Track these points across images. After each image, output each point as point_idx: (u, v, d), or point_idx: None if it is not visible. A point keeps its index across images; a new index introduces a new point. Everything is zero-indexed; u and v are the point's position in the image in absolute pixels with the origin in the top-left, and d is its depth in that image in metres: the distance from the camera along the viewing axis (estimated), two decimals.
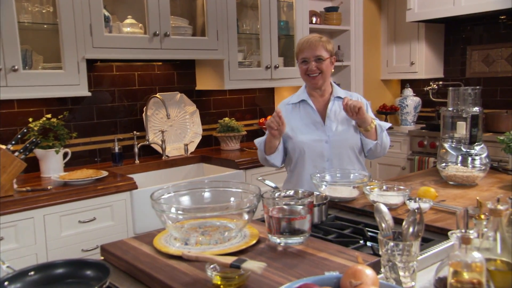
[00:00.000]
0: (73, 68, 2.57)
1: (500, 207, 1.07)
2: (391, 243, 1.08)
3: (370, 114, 2.26)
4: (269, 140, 2.14)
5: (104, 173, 2.56)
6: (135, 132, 3.07)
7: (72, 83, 2.57)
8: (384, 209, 1.18)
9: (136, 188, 2.51)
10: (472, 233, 0.99)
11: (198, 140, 3.40)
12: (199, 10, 3.23)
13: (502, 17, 3.95)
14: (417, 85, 4.70)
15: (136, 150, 3.06)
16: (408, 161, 4.17)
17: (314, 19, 4.07)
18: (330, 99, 2.24)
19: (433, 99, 4.35)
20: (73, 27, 2.55)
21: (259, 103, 3.90)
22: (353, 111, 2.07)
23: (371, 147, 2.19)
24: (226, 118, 3.50)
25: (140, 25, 2.91)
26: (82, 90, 2.61)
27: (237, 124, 3.47)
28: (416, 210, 1.14)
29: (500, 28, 4.12)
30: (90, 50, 2.61)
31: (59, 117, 2.77)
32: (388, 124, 2.28)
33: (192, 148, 3.35)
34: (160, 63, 3.31)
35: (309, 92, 2.26)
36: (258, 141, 2.23)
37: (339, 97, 2.24)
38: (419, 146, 4.10)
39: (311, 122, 2.21)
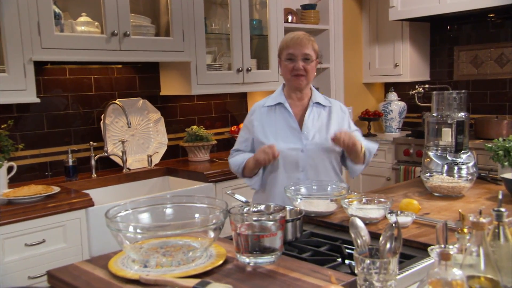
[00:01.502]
0: (19, 71, 2.54)
1: (483, 220, 1.11)
2: (367, 261, 1.10)
3: (349, 124, 2.32)
4: (254, 167, 2.17)
5: (56, 189, 2.52)
6: (91, 142, 3.05)
7: (17, 88, 2.54)
8: (359, 223, 1.20)
9: (93, 205, 2.49)
10: (452, 248, 1.02)
11: (163, 150, 3.39)
12: (163, 8, 3.23)
13: (491, 15, 4.07)
14: (402, 89, 4.79)
15: (93, 162, 3.03)
16: (393, 171, 4.24)
17: (289, 18, 4.12)
18: (309, 105, 2.27)
19: (419, 103, 4.44)
20: (18, 26, 2.52)
21: (230, 110, 3.92)
22: (346, 146, 2.11)
23: (352, 167, 2.26)
24: (194, 126, 3.50)
25: (96, 23, 2.90)
26: (29, 96, 2.58)
27: (206, 133, 3.48)
28: (393, 224, 1.17)
29: (488, 27, 4.24)
30: (38, 51, 2.58)
31: (2, 126, 2.73)
32: (376, 146, 2.34)
33: (156, 159, 3.33)
34: (120, 66, 3.30)
35: (287, 95, 2.29)
36: (236, 164, 2.24)
37: (318, 103, 2.28)
38: (405, 155, 4.17)
39: (287, 127, 2.23)
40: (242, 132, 2.34)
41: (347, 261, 1.47)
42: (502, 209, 1.14)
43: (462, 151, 2.48)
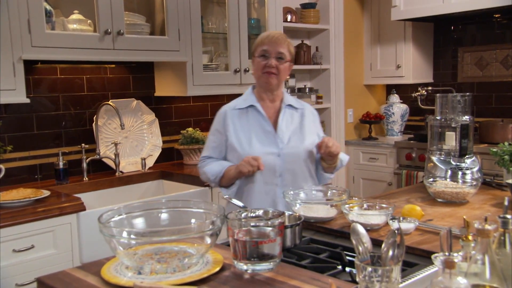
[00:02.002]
0: (8, 71, 2.53)
1: (488, 227, 1.11)
2: (369, 268, 1.11)
3: (319, 129, 2.36)
4: (235, 178, 2.16)
5: (46, 193, 2.52)
6: (83, 144, 3.05)
7: (6, 88, 2.54)
8: (361, 230, 1.21)
9: (84, 209, 2.48)
10: (457, 256, 1.03)
11: (157, 153, 3.39)
12: (158, 6, 3.24)
13: (497, 16, 4.09)
14: (404, 91, 4.81)
15: (84, 165, 3.03)
16: (395, 175, 4.25)
17: (289, 17, 4.13)
18: (281, 107, 2.28)
19: (422, 106, 4.46)
20: (8, 23, 2.52)
21: None
22: (330, 155, 2.14)
23: (323, 175, 2.31)
24: (190, 129, 3.51)
25: (89, 21, 2.91)
26: (19, 95, 2.58)
27: (203, 135, 3.48)
28: (396, 231, 1.17)
29: (494, 28, 4.26)
30: (28, 50, 2.58)
31: None
32: (347, 158, 2.37)
33: (150, 162, 3.33)
34: (113, 66, 3.30)
35: (259, 96, 2.28)
36: (213, 173, 2.21)
37: (290, 106, 2.30)
38: (407, 159, 4.19)
39: (261, 131, 2.22)
40: (213, 137, 2.30)
41: (348, 269, 1.47)
42: (508, 216, 1.15)
43: (467, 156, 2.49)
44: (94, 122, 3.13)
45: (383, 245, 1.18)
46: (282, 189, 2.13)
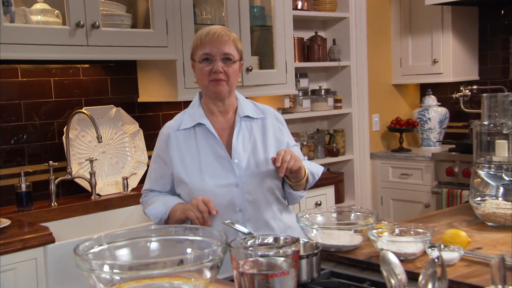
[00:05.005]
0: None
1: None
2: None
3: (288, 137, 2.34)
4: (181, 220, 2.14)
5: (5, 222, 2.53)
6: (51, 162, 3.06)
7: None
8: (393, 259, 1.22)
9: (53, 241, 2.49)
10: None
11: (142, 171, 3.41)
12: None
13: None
14: (443, 91, 4.82)
15: (52, 187, 3.04)
16: (433, 195, 4.26)
17: (299, 4, 4.17)
18: (236, 120, 2.25)
19: (465, 109, 4.47)
20: None
21: None
22: (289, 171, 2.12)
23: (292, 194, 2.28)
24: None
25: (57, 12, 2.93)
26: None
27: None
28: (436, 260, 1.19)
29: None
30: None
31: None
32: (321, 169, 2.37)
33: (134, 183, 3.35)
34: (87, 66, 3.33)
35: (207, 109, 2.26)
36: (156, 215, 2.19)
37: (248, 117, 2.27)
38: (448, 175, 4.19)
39: (213, 156, 2.20)
40: (155, 166, 2.29)
41: None
42: None
43: None
44: (64, 135, 3.14)
45: (420, 278, 1.20)
46: (243, 226, 2.10)
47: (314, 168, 2.32)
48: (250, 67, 3.55)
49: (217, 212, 2.07)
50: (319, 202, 3.66)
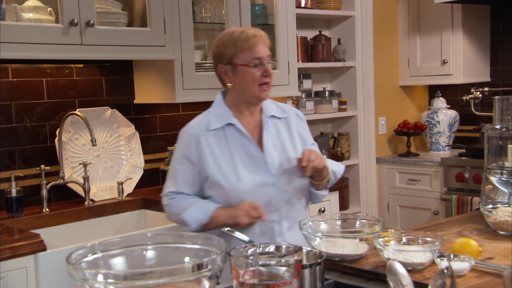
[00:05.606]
0: None
1: None
2: None
3: (309, 135, 2.42)
4: (224, 225, 2.16)
5: None
6: (42, 166, 3.06)
7: None
8: (400, 269, 1.22)
9: (44, 249, 2.49)
10: None
11: (138, 176, 3.41)
12: None
13: None
14: (453, 93, 4.82)
15: (44, 192, 3.04)
16: (442, 202, 4.26)
17: (303, 1, 4.17)
18: (263, 120, 2.31)
19: (476, 112, 4.47)
20: None
21: None
22: (316, 171, 2.20)
23: (315, 193, 2.38)
24: None
25: (49, 9, 2.93)
26: None
27: None
28: (445, 271, 1.19)
29: None
30: None
31: None
32: (343, 167, 2.45)
33: (129, 188, 3.35)
34: (81, 66, 3.33)
35: (235, 109, 2.30)
36: (194, 220, 2.21)
37: (273, 116, 2.34)
38: (458, 181, 4.19)
39: (246, 157, 2.24)
40: (181, 167, 2.30)
41: None
42: None
43: None
44: (57, 138, 3.15)
45: None
46: (280, 225, 2.18)
47: (335, 167, 2.40)
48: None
49: (266, 219, 2.15)
50: (322, 209, 3.66)
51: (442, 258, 1.81)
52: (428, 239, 1.88)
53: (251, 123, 2.30)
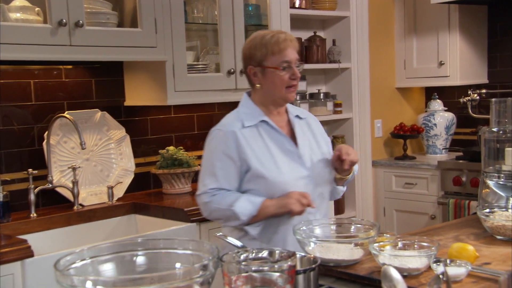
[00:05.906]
0: None
1: None
2: None
3: (327, 137, 2.57)
4: (272, 215, 2.26)
5: None
6: (30, 170, 3.06)
7: None
8: (395, 275, 1.23)
9: (32, 255, 2.49)
10: None
11: (129, 180, 3.41)
12: None
13: None
14: (450, 95, 4.83)
15: (32, 197, 3.04)
16: (439, 206, 4.26)
17: (297, 2, 4.18)
18: (290, 119, 2.46)
19: (474, 115, 4.48)
20: None
21: None
22: (352, 165, 2.35)
23: (337, 189, 2.53)
24: (171, 147, 3.52)
25: (37, 9, 2.93)
26: None
27: (187, 156, 3.50)
28: (441, 276, 1.20)
29: None
30: None
31: None
32: (357, 167, 2.53)
33: (119, 192, 3.35)
34: (70, 67, 3.33)
35: (265, 109, 2.40)
36: (244, 212, 2.24)
37: (297, 116, 2.48)
38: (455, 184, 4.20)
39: (281, 152, 2.35)
40: (221, 164, 2.33)
41: None
42: None
43: None
44: (45, 141, 3.14)
45: None
46: (314, 217, 2.27)
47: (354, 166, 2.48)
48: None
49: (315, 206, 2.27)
50: None
51: (438, 263, 1.81)
52: (424, 244, 1.88)
53: (280, 121, 2.42)
